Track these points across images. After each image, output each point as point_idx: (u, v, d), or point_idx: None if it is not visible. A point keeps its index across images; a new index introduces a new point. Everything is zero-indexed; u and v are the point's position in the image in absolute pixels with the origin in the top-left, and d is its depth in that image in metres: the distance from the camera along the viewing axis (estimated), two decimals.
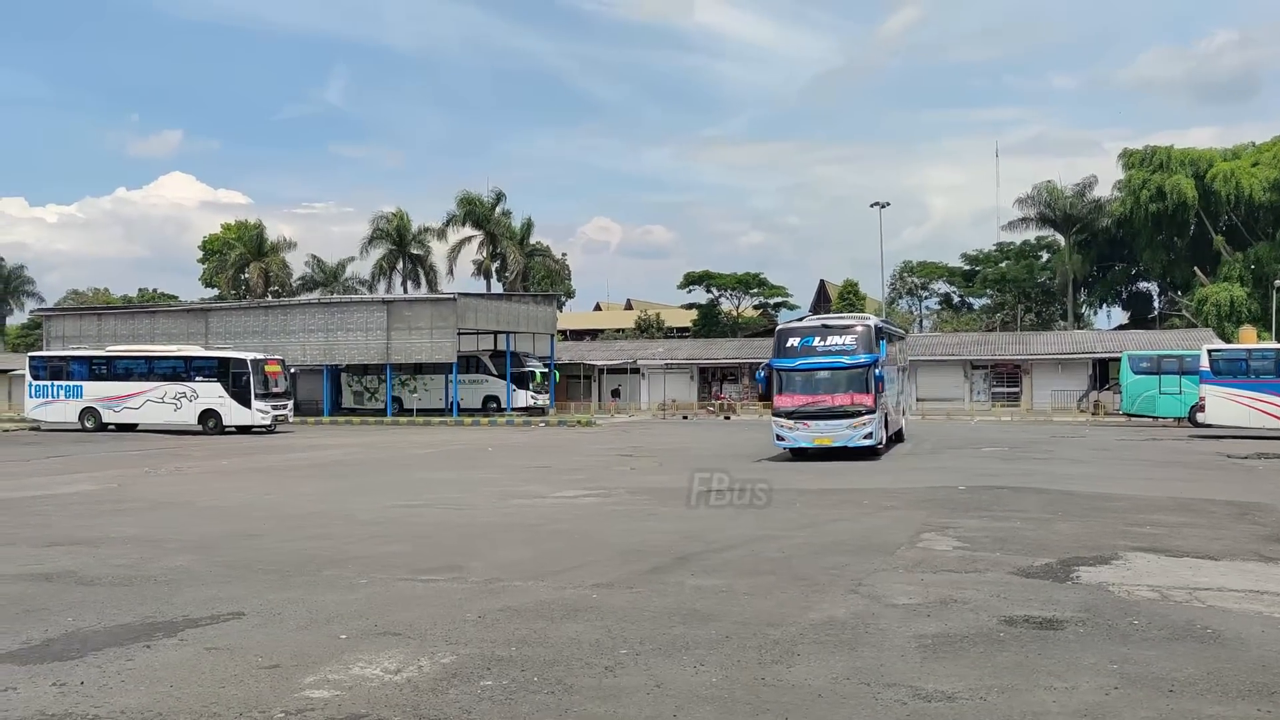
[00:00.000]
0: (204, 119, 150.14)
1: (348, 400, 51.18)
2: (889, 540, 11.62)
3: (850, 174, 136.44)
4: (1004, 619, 7.77)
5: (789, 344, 23.06)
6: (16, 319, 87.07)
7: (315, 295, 67.03)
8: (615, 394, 56.31)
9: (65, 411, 40.14)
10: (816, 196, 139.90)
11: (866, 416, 22.16)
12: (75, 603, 8.68)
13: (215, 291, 75.89)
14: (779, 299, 76.48)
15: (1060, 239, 66.61)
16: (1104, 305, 72.16)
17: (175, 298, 78.34)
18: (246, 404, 37.68)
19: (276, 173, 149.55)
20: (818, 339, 22.86)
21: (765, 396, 24.10)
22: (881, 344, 23.36)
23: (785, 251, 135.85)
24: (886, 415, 23.80)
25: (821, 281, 78.95)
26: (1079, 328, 64.67)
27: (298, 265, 75.48)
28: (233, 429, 37.80)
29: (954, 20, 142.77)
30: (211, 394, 38.06)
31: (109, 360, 40.94)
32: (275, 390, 38.93)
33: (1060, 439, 30.49)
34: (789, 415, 22.75)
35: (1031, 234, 69.50)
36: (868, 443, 22.25)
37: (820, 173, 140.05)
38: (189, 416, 38.25)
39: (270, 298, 66.60)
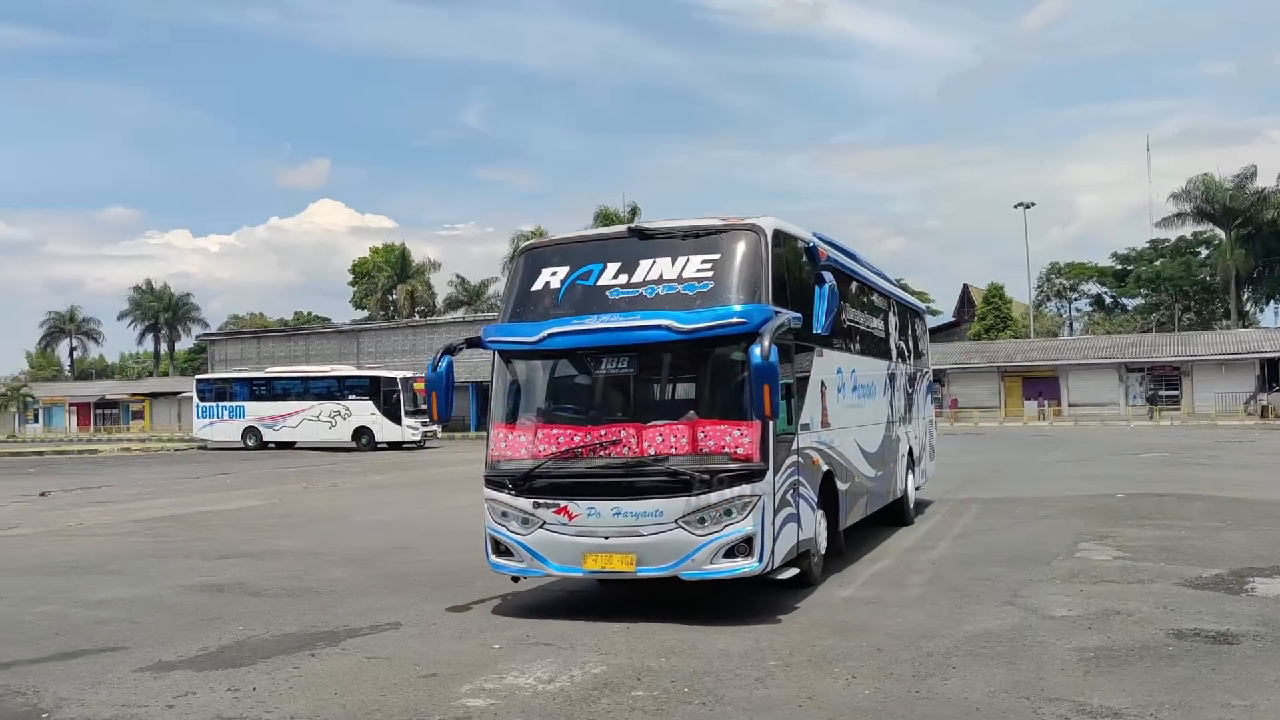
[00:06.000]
0: (350, 147, 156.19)
1: None
2: (1044, 550, 11.24)
3: (992, 175, 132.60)
4: (1172, 632, 7.42)
5: (539, 284, 8.95)
6: (184, 344, 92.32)
7: (460, 314, 68.88)
8: None
9: (229, 431, 42.27)
10: (958, 199, 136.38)
11: (744, 487, 7.99)
12: (245, 612, 9.11)
13: (365, 313, 78.75)
14: (922, 305, 74.68)
15: (1220, 234, 63.39)
16: (1271, 302, 68.33)
17: (328, 320, 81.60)
18: (397, 421, 38.98)
19: (420, 196, 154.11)
20: (614, 269, 8.68)
21: (444, 419, 9.70)
22: (821, 292, 8.84)
23: (927, 257, 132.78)
24: (834, 478, 10.00)
25: (965, 285, 76.90)
26: (1243, 326, 61.34)
27: (442, 286, 77.95)
28: (384, 445, 39.11)
29: (1097, 13, 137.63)
30: (364, 412, 39.51)
31: (268, 381, 42.93)
32: (424, 407, 40.01)
33: (1225, 444, 28.95)
34: (525, 484, 8.50)
35: (1188, 229, 66.44)
36: (744, 567, 8.05)
37: (961, 175, 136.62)
38: (343, 434, 39.78)
39: (417, 317, 68.71)
